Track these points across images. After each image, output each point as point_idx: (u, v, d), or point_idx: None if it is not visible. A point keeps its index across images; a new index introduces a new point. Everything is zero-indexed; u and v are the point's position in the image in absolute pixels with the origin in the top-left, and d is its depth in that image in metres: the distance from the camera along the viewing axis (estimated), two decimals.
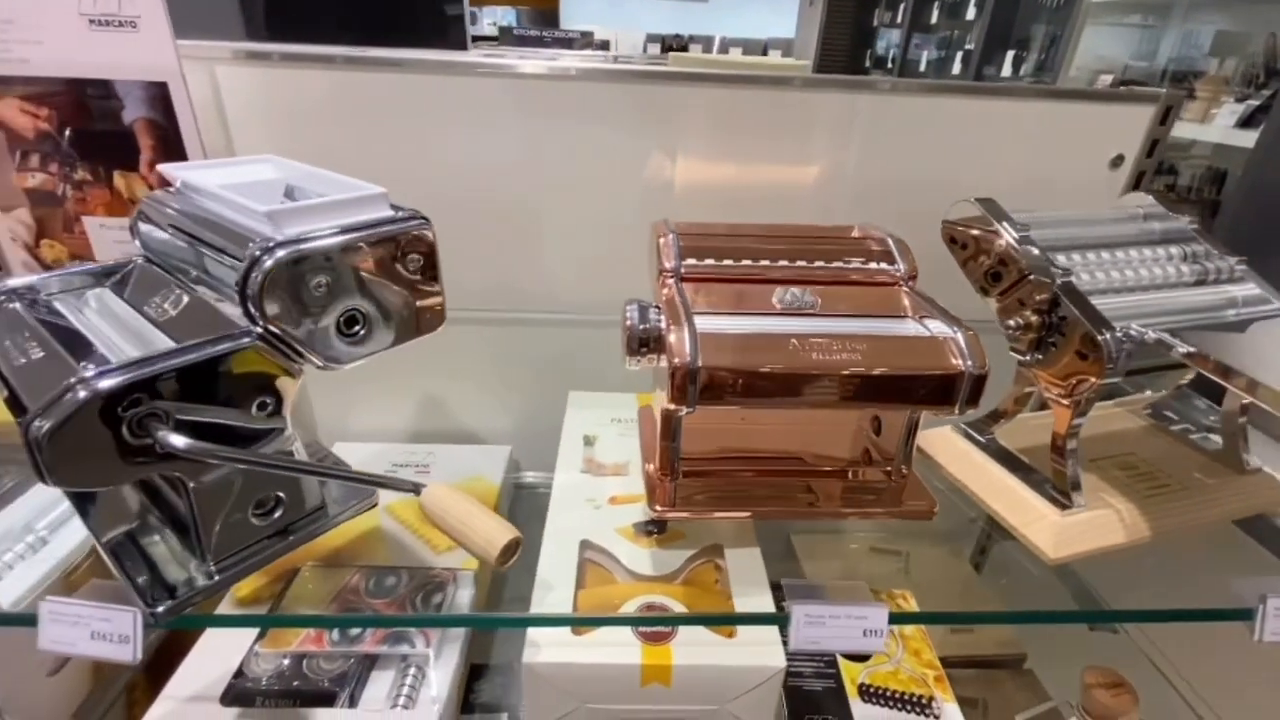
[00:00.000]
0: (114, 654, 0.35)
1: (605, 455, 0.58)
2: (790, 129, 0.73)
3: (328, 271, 0.36)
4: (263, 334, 0.34)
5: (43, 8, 0.57)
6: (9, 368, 0.33)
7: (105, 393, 0.29)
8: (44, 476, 0.29)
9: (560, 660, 0.40)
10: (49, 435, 0.28)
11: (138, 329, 0.38)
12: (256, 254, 0.33)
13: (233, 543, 0.38)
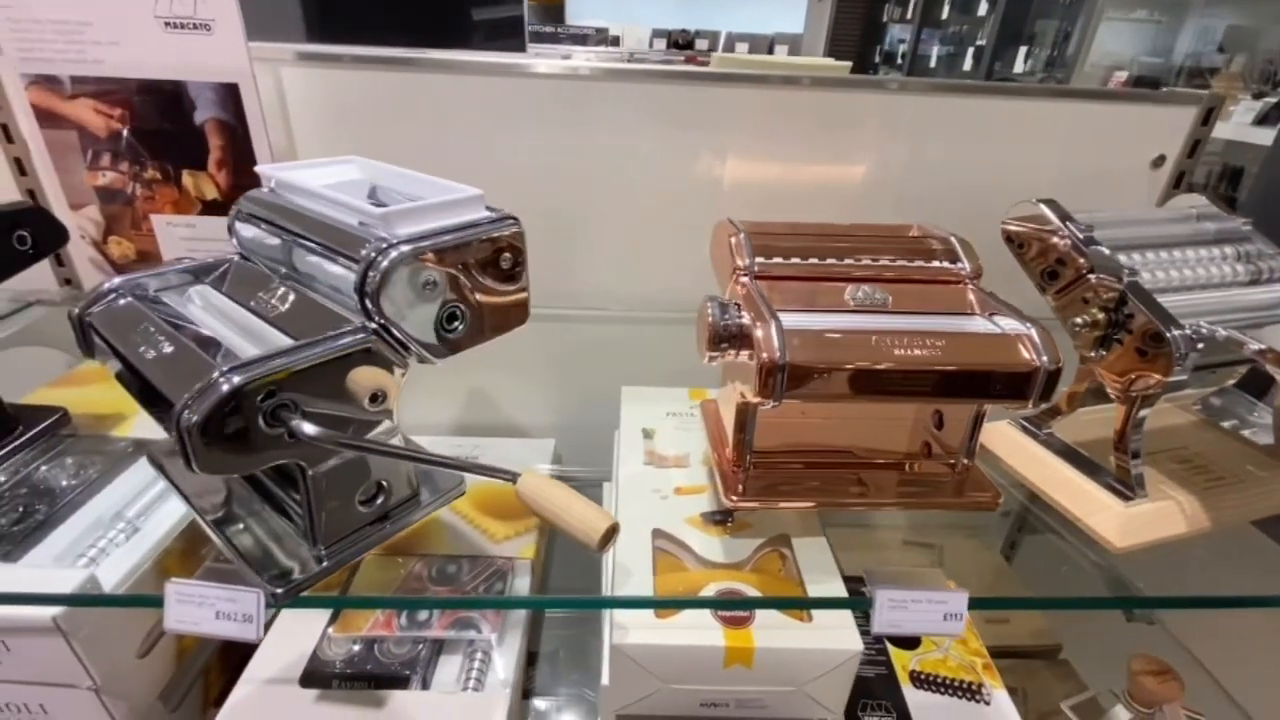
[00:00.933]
0: (238, 633, 0.37)
1: (665, 448, 0.60)
2: (834, 130, 0.74)
3: (436, 270, 0.37)
4: (377, 330, 0.36)
5: (120, 10, 0.58)
6: (141, 361, 0.35)
7: (248, 386, 0.31)
8: (191, 464, 0.30)
9: (647, 642, 0.41)
10: (199, 426, 0.30)
11: (247, 324, 0.39)
12: (374, 254, 0.35)
13: (340, 528, 0.40)
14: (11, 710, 0.47)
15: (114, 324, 0.38)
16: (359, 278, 0.35)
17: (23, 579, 0.42)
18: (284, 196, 0.44)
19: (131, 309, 0.39)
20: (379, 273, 0.35)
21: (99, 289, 0.40)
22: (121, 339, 0.37)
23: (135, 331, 0.36)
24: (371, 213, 0.36)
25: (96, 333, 0.38)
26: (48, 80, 0.61)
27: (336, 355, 0.34)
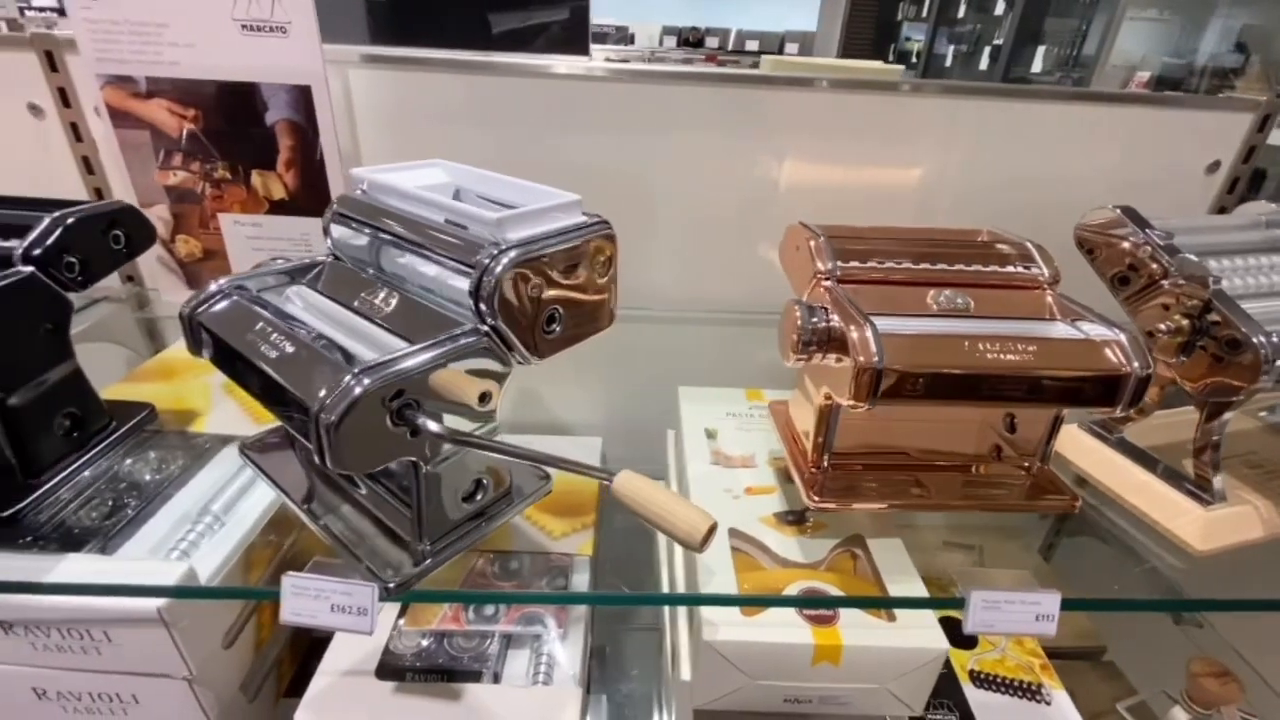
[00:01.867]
0: (352, 625, 0.38)
1: (730, 448, 0.60)
2: (889, 133, 0.75)
3: (543, 273, 0.38)
4: (489, 331, 0.37)
5: (197, 12, 0.59)
6: (262, 360, 0.35)
7: (382, 386, 0.32)
8: (327, 460, 0.31)
9: (738, 639, 0.42)
10: (336, 424, 0.31)
11: (353, 324, 0.40)
12: (489, 259, 0.36)
13: (444, 524, 0.41)
14: (103, 700, 0.48)
15: (226, 323, 0.39)
16: (475, 281, 0.36)
17: (125, 571, 0.44)
18: (379, 199, 0.45)
19: (240, 308, 0.40)
20: (494, 277, 0.36)
21: (206, 289, 0.41)
22: (237, 338, 0.37)
23: (251, 331, 0.37)
24: (486, 218, 0.37)
25: (207, 331, 0.39)
26: (123, 81, 0.62)
27: (456, 356, 0.35)
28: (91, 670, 0.46)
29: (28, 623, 0.43)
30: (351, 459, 0.32)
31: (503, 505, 0.45)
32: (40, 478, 0.43)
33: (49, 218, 0.44)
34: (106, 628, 0.43)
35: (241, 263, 0.71)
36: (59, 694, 0.48)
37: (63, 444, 0.45)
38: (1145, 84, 3.17)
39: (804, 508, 0.53)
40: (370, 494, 0.45)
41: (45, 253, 0.42)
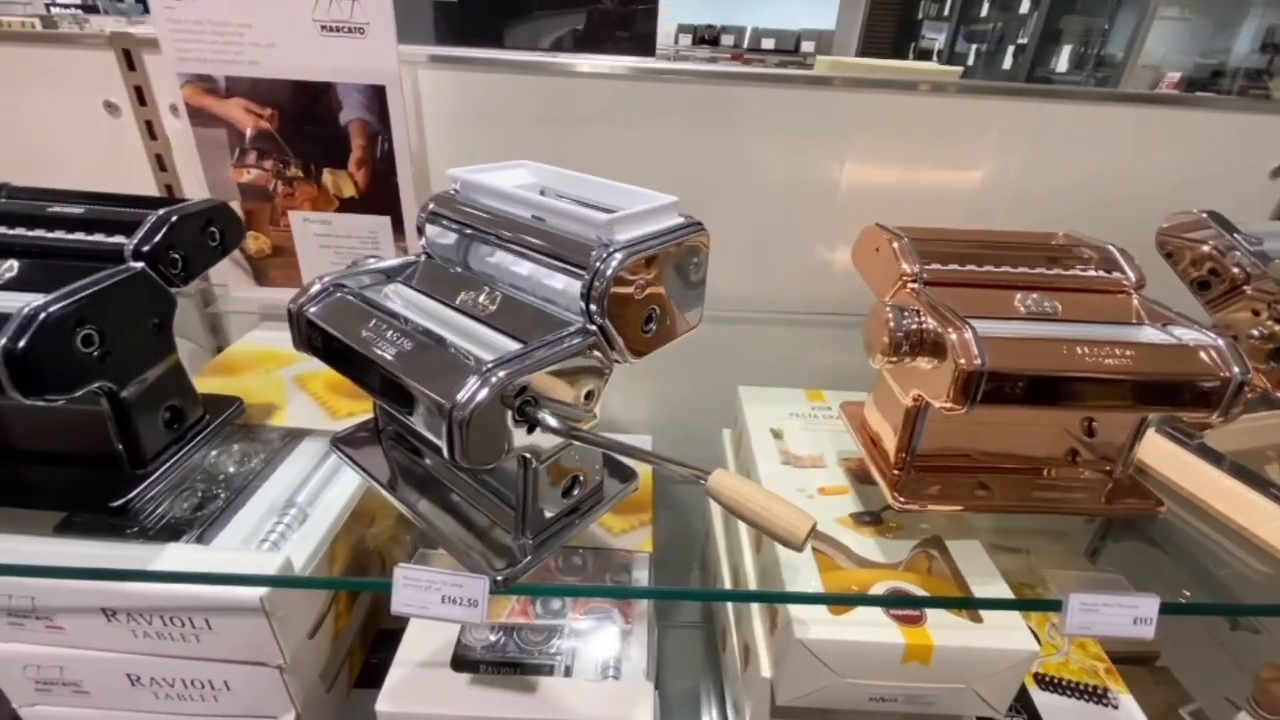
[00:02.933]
0: (463, 616, 0.39)
1: (798, 447, 0.61)
2: (946, 134, 0.75)
3: (647, 274, 0.39)
4: (598, 330, 0.38)
5: (279, 13, 0.60)
6: (380, 357, 0.36)
7: (510, 383, 0.32)
8: (456, 455, 0.32)
9: (829, 637, 0.43)
10: (469, 420, 0.31)
11: (457, 322, 0.41)
12: (600, 261, 0.36)
13: (543, 519, 0.41)
14: (195, 686, 0.50)
15: (337, 320, 0.40)
16: (587, 281, 0.37)
17: (227, 561, 0.45)
18: (475, 199, 0.46)
19: (349, 306, 0.41)
20: (607, 278, 0.36)
21: (312, 287, 0.42)
22: (352, 335, 0.38)
23: (366, 328, 0.38)
24: (596, 219, 0.38)
25: (316, 327, 0.40)
26: (203, 80, 0.63)
27: (570, 355, 0.36)
28: (188, 657, 0.47)
29: (131, 610, 0.44)
30: (479, 454, 0.33)
31: (596, 501, 0.45)
32: (145, 469, 0.44)
33: (156, 215, 0.45)
34: (208, 615, 0.45)
35: (309, 260, 0.72)
36: (152, 680, 0.49)
37: (164, 436, 0.46)
38: (1175, 85, 3.13)
39: (880, 508, 0.54)
40: (466, 488, 0.45)
41: (153, 249, 0.43)
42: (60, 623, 0.46)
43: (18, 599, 0.45)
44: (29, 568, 0.41)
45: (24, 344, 0.34)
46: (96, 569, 0.41)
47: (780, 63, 3.87)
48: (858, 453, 0.60)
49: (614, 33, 0.84)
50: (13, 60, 0.69)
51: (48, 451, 0.44)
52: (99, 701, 0.51)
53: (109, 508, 0.42)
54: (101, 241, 0.43)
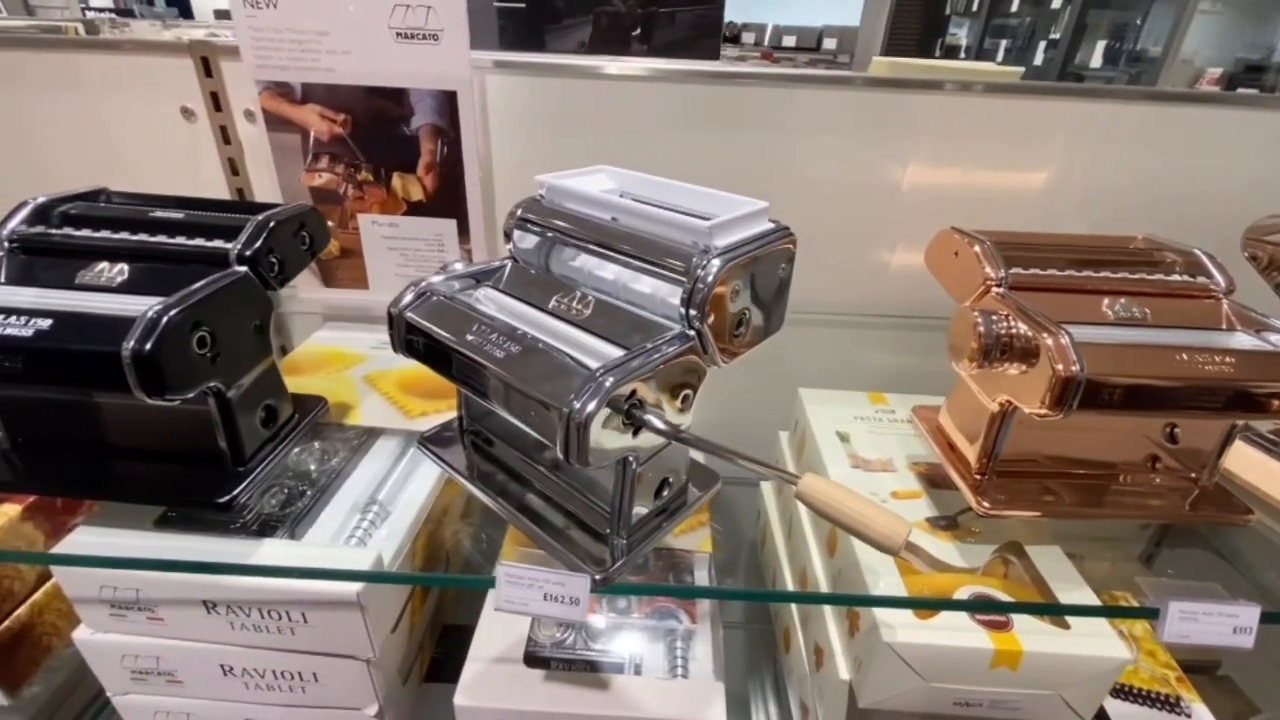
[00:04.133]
0: (565, 614, 0.39)
1: (866, 451, 0.61)
2: (1010, 135, 0.74)
3: (742, 280, 0.39)
4: (696, 334, 0.38)
5: (357, 21, 0.62)
6: (489, 359, 0.37)
7: (622, 387, 0.33)
8: (572, 457, 0.33)
9: (918, 641, 0.43)
10: (586, 423, 0.32)
11: (554, 327, 0.42)
12: (701, 267, 0.37)
13: (639, 519, 0.42)
14: (284, 678, 0.51)
15: (439, 323, 0.41)
16: (688, 286, 0.37)
17: (322, 557, 0.46)
18: (563, 204, 0.47)
19: (448, 309, 0.42)
20: (707, 284, 0.37)
21: (408, 292, 0.43)
22: (458, 338, 0.39)
23: (471, 332, 0.39)
24: (696, 225, 0.38)
25: (418, 330, 0.41)
26: (280, 86, 0.65)
27: (673, 359, 0.36)
28: (281, 649, 0.49)
29: (232, 603, 0.46)
30: (592, 456, 0.33)
31: (678, 504, 0.46)
32: (245, 466, 0.46)
33: (256, 220, 0.46)
34: (305, 609, 0.46)
35: (376, 262, 0.73)
36: (244, 670, 0.51)
37: (261, 434, 0.47)
38: (1216, 81, 3.06)
39: (956, 513, 0.54)
40: (556, 488, 0.46)
41: (255, 253, 0.45)
42: (161, 614, 0.48)
43: (122, 591, 0.47)
44: (141, 561, 0.43)
45: (150, 346, 0.36)
46: (209, 563, 0.42)
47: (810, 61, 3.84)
48: (927, 456, 0.60)
49: (678, 37, 0.84)
50: (96, 67, 0.71)
51: (154, 448, 0.46)
52: (190, 691, 0.53)
53: (215, 504, 0.43)
54: (207, 246, 0.45)
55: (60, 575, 0.47)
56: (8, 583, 0.60)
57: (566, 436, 0.33)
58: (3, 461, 0.47)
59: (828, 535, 0.56)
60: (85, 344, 0.37)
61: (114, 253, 0.44)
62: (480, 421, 0.52)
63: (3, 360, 0.37)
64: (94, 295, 0.42)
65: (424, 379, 0.67)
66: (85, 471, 0.46)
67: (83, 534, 0.47)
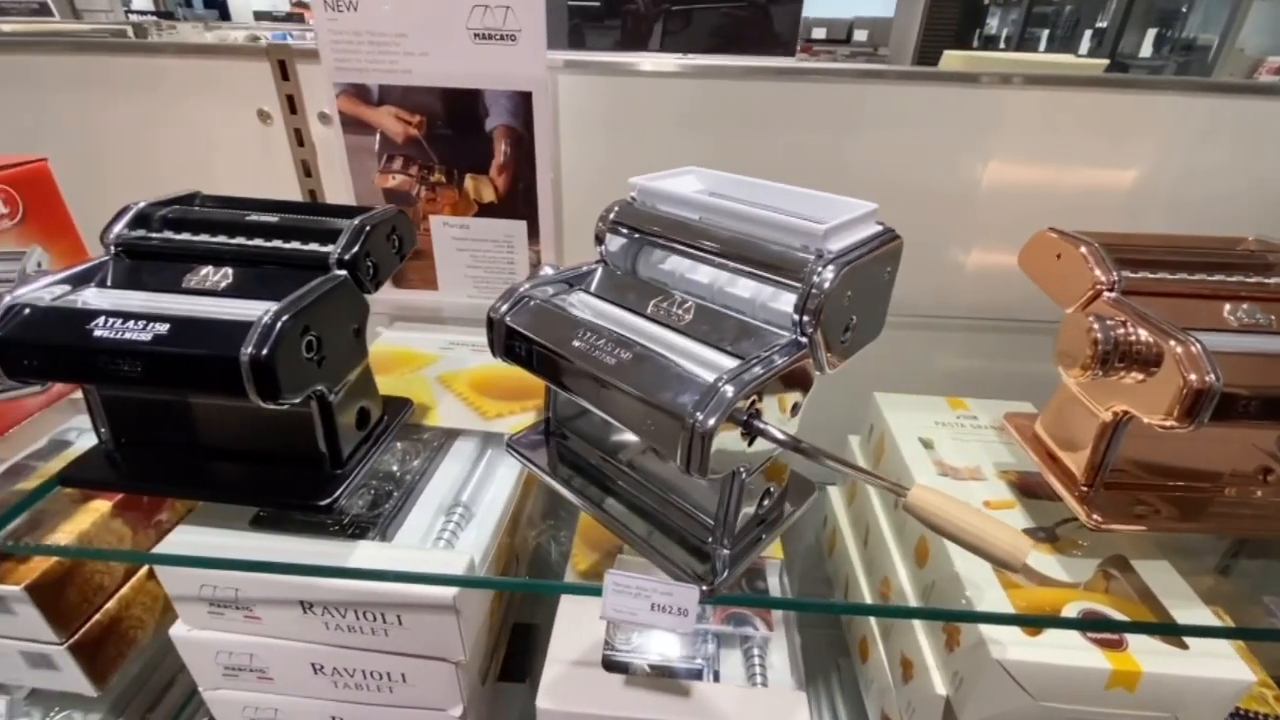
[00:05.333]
0: (673, 625, 0.39)
1: (952, 458, 0.59)
2: (1096, 131, 0.71)
3: (853, 284, 0.38)
4: (809, 342, 0.37)
5: (435, 23, 0.62)
6: (603, 367, 0.37)
7: (744, 397, 0.32)
8: (693, 468, 0.32)
9: (1031, 659, 0.41)
10: (711, 432, 0.31)
11: (654, 332, 0.41)
12: (816, 274, 0.36)
13: (741, 528, 0.41)
14: (373, 678, 0.51)
15: (540, 329, 0.41)
16: (804, 292, 0.36)
17: (419, 560, 0.46)
18: (656, 207, 0.46)
19: (544, 313, 0.42)
20: (824, 291, 0.36)
21: (509, 295, 0.43)
22: (563, 344, 0.39)
23: (577, 338, 0.39)
24: (810, 229, 0.37)
25: (521, 335, 0.41)
26: (356, 89, 0.65)
27: (791, 365, 0.36)
28: (373, 650, 0.49)
29: (328, 603, 0.46)
30: (713, 465, 0.33)
31: (776, 514, 0.45)
32: (342, 468, 0.46)
33: (353, 224, 0.46)
34: (400, 611, 0.46)
35: (446, 263, 0.73)
36: (334, 670, 0.51)
37: (355, 436, 0.48)
38: (1276, 70, 2.93)
39: (1054, 524, 0.52)
40: (653, 495, 0.46)
41: (354, 257, 0.45)
42: (258, 613, 0.48)
43: (222, 590, 0.47)
44: (252, 563, 0.43)
45: (266, 351, 0.36)
46: (319, 566, 0.43)
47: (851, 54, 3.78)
48: (1018, 465, 0.58)
49: (754, 34, 0.83)
50: (175, 71, 0.72)
51: (254, 450, 0.46)
52: (280, 688, 0.53)
53: (317, 506, 0.43)
54: (307, 250, 0.45)
55: (162, 574, 0.48)
56: (98, 577, 0.62)
57: (689, 448, 0.32)
58: (108, 461, 0.48)
59: (916, 546, 0.54)
60: (203, 349, 0.37)
61: (217, 256, 0.45)
62: (569, 425, 0.51)
63: (121, 364, 0.37)
64: (202, 299, 0.42)
65: (497, 380, 0.67)
66: (188, 472, 0.47)
67: (182, 533, 0.48)
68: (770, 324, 0.40)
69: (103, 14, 5.78)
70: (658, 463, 0.48)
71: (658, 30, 0.77)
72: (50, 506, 0.53)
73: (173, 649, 0.74)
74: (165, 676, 0.75)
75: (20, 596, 0.54)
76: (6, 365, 0.39)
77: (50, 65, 0.73)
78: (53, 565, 0.56)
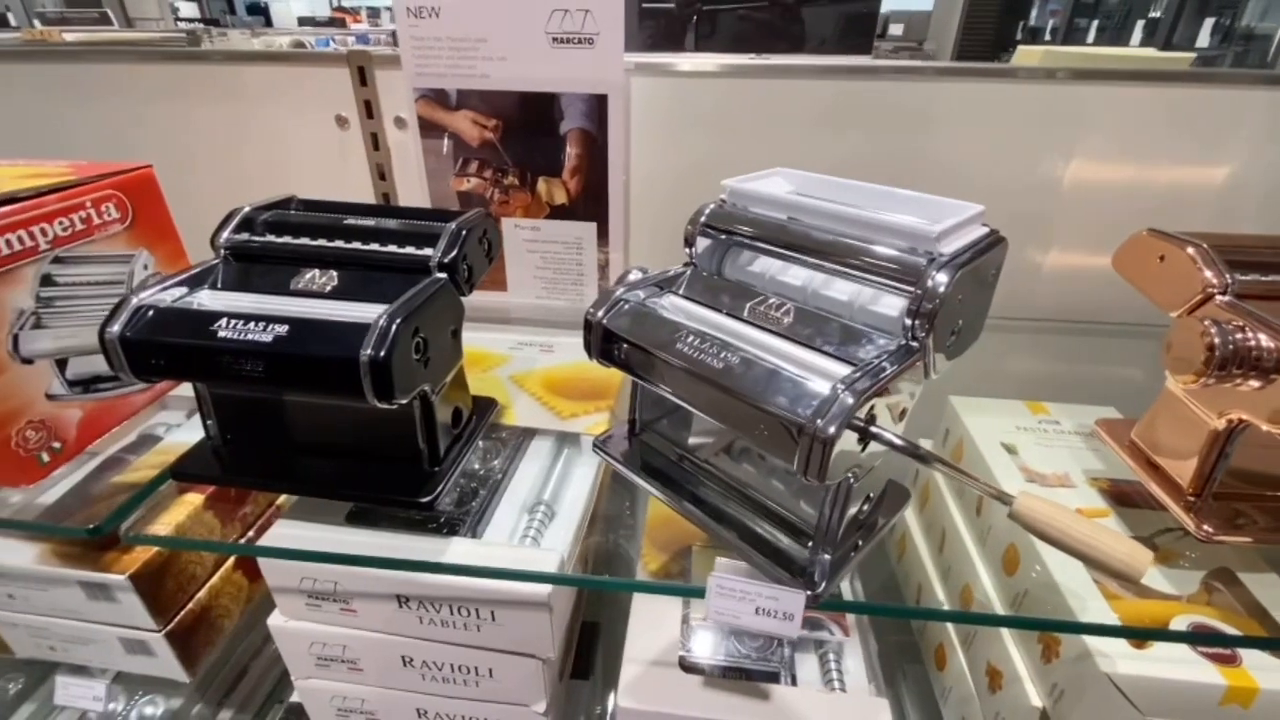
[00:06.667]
0: (776, 630, 0.39)
1: (1038, 464, 0.58)
2: (1182, 128, 0.69)
3: (964, 288, 0.38)
4: (919, 347, 0.37)
5: (515, 27, 0.62)
6: (712, 371, 0.37)
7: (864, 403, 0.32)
8: (811, 473, 0.32)
9: (1139, 673, 0.40)
10: (833, 440, 0.31)
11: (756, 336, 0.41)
12: (932, 277, 0.35)
13: (842, 533, 0.41)
14: (461, 672, 0.53)
15: (640, 332, 0.41)
16: (917, 296, 0.36)
17: (514, 557, 0.47)
18: (749, 210, 0.46)
19: (642, 316, 0.42)
20: (940, 295, 0.35)
21: (605, 298, 0.43)
22: (661, 345, 0.39)
23: (681, 341, 0.39)
24: (924, 232, 0.37)
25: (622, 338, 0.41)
26: (435, 94, 0.67)
27: (905, 370, 0.35)
28: (464, 645, 0.50)
29: (424, 598, 0.48)
30: (831, 471, 0.32)
31: (876, 517, 0.45)
32: (439, 466, 0.47)
33: (450, 227, 0.47)
34: (495, 608, 0.47)
35: (516, 264, 0.74)
36: (424, 663, 0.52)
37: (449, 435, 0.49)
38: None
39: (1153, 534, 0.50)
40: (746, 499, 0.46)
41: (453, 260, 0.46)
42: (355, 606, 0.50)
43: (322, 583, 0.49)
44: (354, 557, 0.45)
45: (384, 352, 0.37)
46: (416, 561, 0.44)
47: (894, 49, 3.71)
48: (1109, 472, 0.56)
49: (830, 33, 0.82)
50: (258, 77, 0.74)
51: (355, 448, 0.48)
52: (369, 679, 0.55)
53: (420, 503, 0.44)
54: (407, 253, 0.46)
55: (265, 566, 0.50)
56: (191, 567, 0.64)
57: (809, 454, 0.32)
58: (214, 457, 0.50)
59: (1004, 553, 0.53)
60: (322, 350, 0.38)
61: (322, 259, 0.46)
62: (653, 426, 0.52)
63: (244, 364, 0.39)
64: (311, 301, 0.44)
65: (568, 380, 0.68)
66: (291, 468, 0.49)
67: (282, 527, 0.50)
68: (871, 327, 0.40)
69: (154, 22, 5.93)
70: (748, 465, 0.48)
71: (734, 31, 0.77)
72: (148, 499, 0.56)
73: (247, 637, 0.76)
74: (240, 663, 0.77)
75: (124, 585, 0.57)
76: (133, 364, 0.40)
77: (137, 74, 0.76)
78: (153, 555, 0.59)
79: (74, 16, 3.20)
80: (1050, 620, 0.43)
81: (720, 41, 0.78)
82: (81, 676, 0.67)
